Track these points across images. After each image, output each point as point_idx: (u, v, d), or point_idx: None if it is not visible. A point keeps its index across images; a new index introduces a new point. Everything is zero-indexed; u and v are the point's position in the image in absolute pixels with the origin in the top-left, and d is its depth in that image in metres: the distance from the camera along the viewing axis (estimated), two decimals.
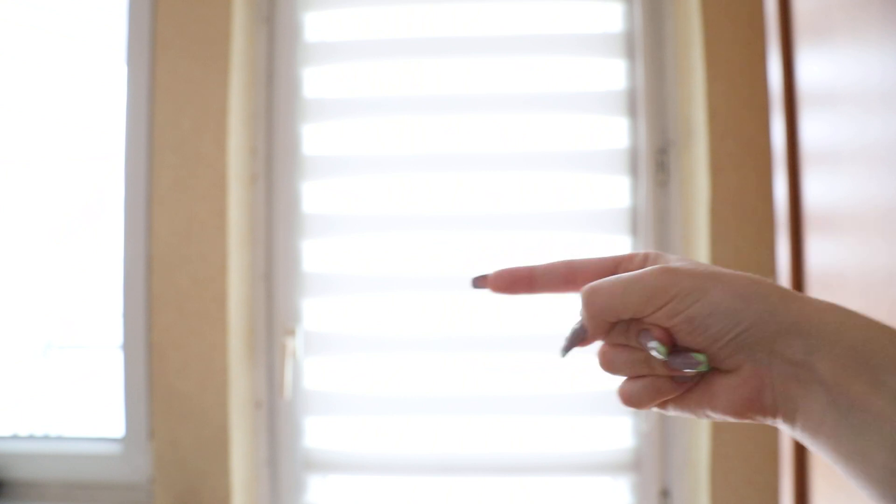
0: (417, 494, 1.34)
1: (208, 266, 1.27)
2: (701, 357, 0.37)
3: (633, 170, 1.34)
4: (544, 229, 1.34)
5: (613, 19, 1.36)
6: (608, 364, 0.41)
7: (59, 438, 1.39)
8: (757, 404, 0.37)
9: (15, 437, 1.39)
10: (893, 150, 0.59)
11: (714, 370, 0.38)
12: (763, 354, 0.36)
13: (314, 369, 1.37)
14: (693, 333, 0.37)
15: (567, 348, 0.42)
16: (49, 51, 1.42)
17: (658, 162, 1.33)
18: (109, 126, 1.39)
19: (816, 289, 0.74)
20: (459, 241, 1.35)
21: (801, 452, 0.78)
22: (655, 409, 0.41)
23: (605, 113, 1.35)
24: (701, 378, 0.39)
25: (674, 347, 0.38)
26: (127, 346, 1.33)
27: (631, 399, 0.40)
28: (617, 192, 1.34)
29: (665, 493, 1.32)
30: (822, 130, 0.73)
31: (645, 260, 0.43)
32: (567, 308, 1.34)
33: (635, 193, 1.34)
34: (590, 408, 1.33)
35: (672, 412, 0.41)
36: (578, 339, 0.42)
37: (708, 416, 0.39)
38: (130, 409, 1.32)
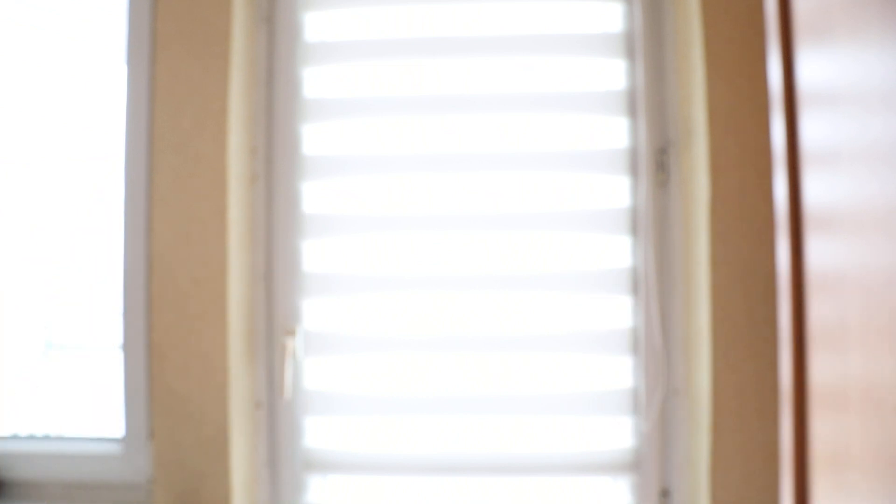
0: (417, 494, 1.34)
1: (208, 266, 1.27)
2: None
3: (633, 170, 1.34)
4: (544, 229, 1.34)
5: (613, 19, 1.36)
6: None
7: (59, 438, 1.39)
8: None
9: (15, 437, 1.39)
10: (894, 149, 0.59)
11: None
12: None
13: (314, 369, 1.37)
14: None
15: None
16: (49, 51, 1.42)
17: (658, 162, 1.33)
18: (109, 126, 1.39)
19: (816, 289, 0.74)
20: (459, 241, 1.35)
21: (801, 452, 0.78)
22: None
23: (605, 113, 1.35)
24: None
25: None
26: (127, 347, 1.33)
27: None
28: (617, 192, 1.34)
29: (665, 493, 1.32)
30: (822, 130, 0.73)
31: None
32: (567, 311, 1.34)
33: (635, 193, 1.34)
34: (590, 408, 1.33)
35: None
36: None
37: None
38: (130, 410, 1.32)
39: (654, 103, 1.34)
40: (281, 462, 1.36)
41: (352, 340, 1.36)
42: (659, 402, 1.31)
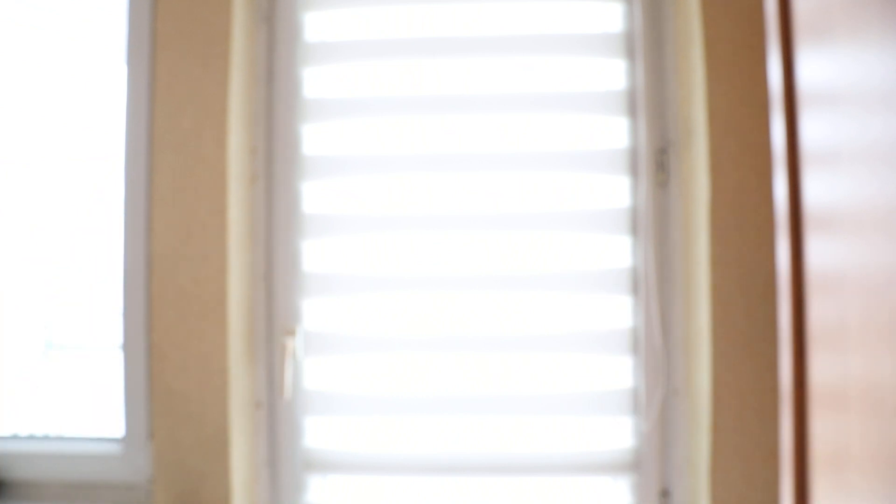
0: (417, 494, 1.34)
1: (208, 266, 1.27)
2: None
3: (633, 170, 1.34)
4: (544, 229, 1.34)
5: (613, 19, 1.36)
6: None
7: (59, 438, 1.39)
8: None
9: (15, 437, 1.39)
10: (894, 149, 0.59)
11: None
12: None
13: (314, 369, 1.37)
14: None
15: None
16: (49, 51, 1.42)
17: (658, 162, 1.33)
18: (109, 126, 1.39)
19: (816, 289, 0.74)
20: (459, 241, 1.35)
21: (801, 452, 0.78)
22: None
23: (605, 113, 1.35)
24: None
25: None
26: (127, 347, 1.33)
27: None
28: (617, 192, 1.34)
29: (665, 493, 1.32)
30: (822, 130, 0.73)
31: None
32: (567, 311, 1.34)
33: (635, 193, 1.34)
34: (590, 408, 1.33)
35: None
36: None
37: None
38: (130, 410, 1.32)
39: (654, 103, 1.34)
40: (281, 462, 1.36)
41: (352, 340, 1.36)
42: (659, 402, 1.31)
